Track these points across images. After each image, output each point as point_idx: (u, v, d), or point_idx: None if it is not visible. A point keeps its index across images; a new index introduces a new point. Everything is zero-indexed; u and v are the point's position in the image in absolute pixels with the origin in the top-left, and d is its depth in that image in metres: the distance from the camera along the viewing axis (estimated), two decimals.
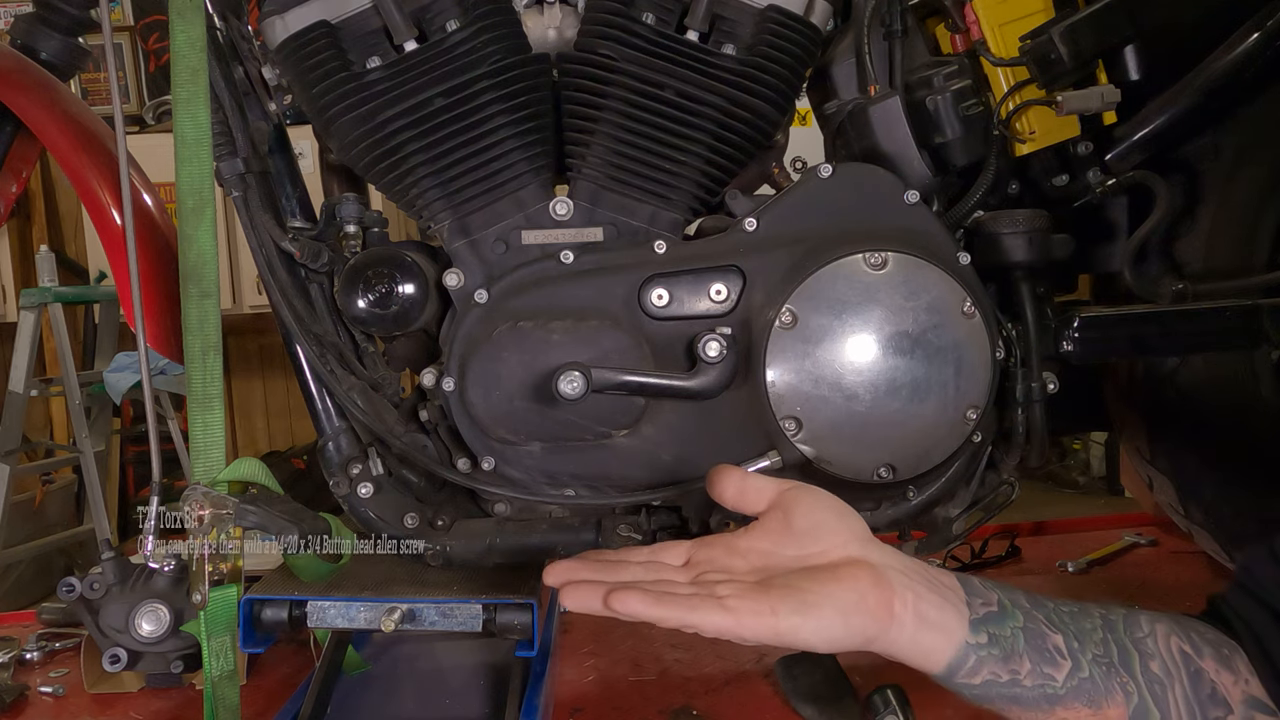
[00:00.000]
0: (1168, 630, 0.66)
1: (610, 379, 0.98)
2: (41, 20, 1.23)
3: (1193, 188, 1.23)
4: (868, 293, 0.99)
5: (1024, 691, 0.63)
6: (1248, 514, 1.30)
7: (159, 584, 1.07)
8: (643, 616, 0.59)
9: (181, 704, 1.28)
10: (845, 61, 1.14)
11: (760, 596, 0.60)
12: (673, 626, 0.59)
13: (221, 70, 1.07)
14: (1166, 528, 1.72)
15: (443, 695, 1.24)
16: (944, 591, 0.64)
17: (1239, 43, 1.11)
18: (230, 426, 3.99)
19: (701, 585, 0.63)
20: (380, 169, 1.05)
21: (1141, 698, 0.63)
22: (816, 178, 1.05)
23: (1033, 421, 1.07)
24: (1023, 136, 1.11)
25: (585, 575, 0.63)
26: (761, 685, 1.26)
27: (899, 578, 0.63)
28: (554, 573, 0.64)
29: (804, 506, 0.66)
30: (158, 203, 1.20)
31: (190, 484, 0.97)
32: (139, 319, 1.05)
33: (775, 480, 0.69)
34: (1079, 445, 4.26)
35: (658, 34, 1.02)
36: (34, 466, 3.46)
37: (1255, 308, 1.10)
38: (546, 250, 1.05)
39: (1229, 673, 0.64)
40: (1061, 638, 0.64)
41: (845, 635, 0.60)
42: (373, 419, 1.07)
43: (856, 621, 0.60)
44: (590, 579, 0.62)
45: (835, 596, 0.60)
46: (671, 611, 0.59)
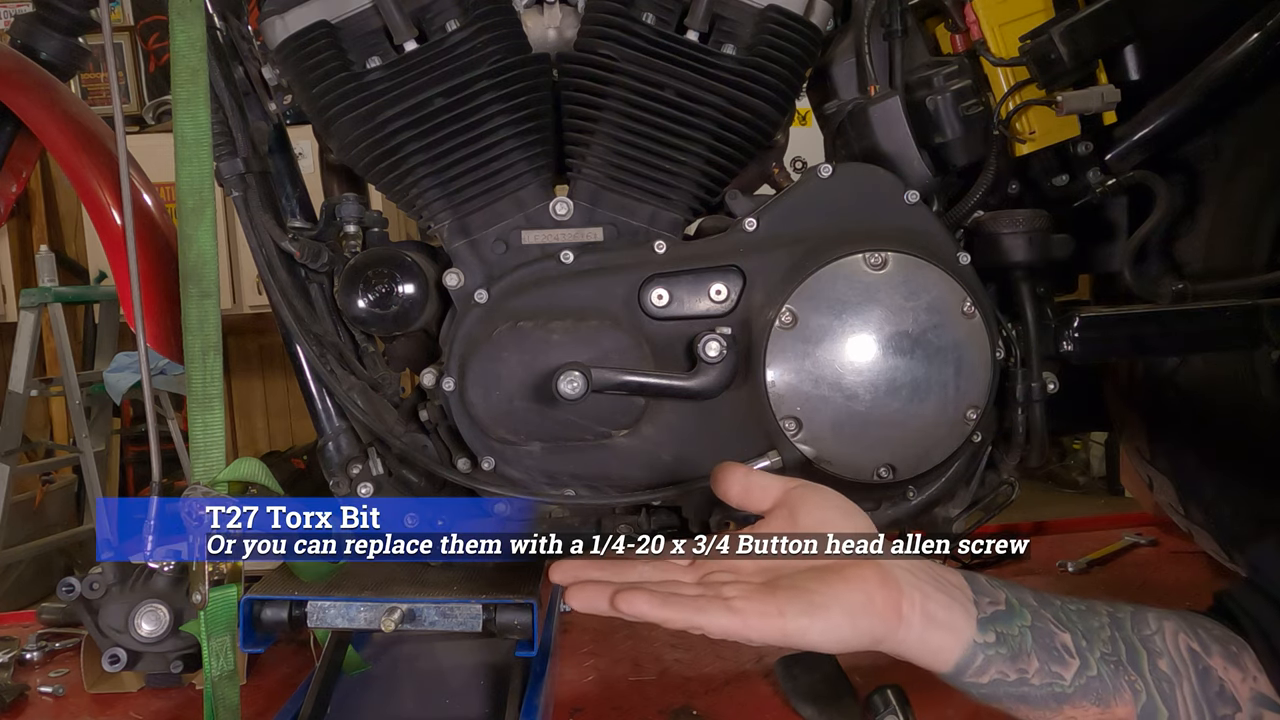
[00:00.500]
0: (1175, 628, 0.65)
1: (610, 379, 0.98)
2: (41, 20, 1.22)
3: (1193, 188, 1.23)
4: (868, 293, 0.99)
5: (1032, 690, 0.62)
6: (1248, 514, 1.30)
7: (159, 584, 1.07)
8: (649, 618, 0.59)
9: (181, 704, 1.28)
10: (845, 61, 1.15)
11: (767, 598, 0.60)
12: (679, 628, 0.59)
13: (221, 70, 1.07)
14: (1166, 528, 1.72)
15: (443, 695, 1.24)
16: (951, 591, 0.64)
17: (1239, 43, 1.11)
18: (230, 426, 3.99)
19: (708, 586, 0.62)
20: (380, 169, 1.05)
21: (1150, 696, 0.63)
22: (816, 178, 1.05)
23: (1033, 421, 1.07)
24: (1023, 136, 1.11)
25: (592, 574, 0.63)
26: (761, 685, 1.26)
27: (906, 577, 0.62)
28: (561, 571, 0.64)
29: (810, 505, 0.66)
30: (158, 203, 1.20)
31: (190, 484, 0.97)
32: (139, 319, 1.05)
33: (781, 478, 0.69)
34: (1079, 445, 4.25)
35: (658, 34, 1.02)
36: (34, 466, 3.45)
37: (1255, 308, 1.10)
38: (546, 250, 1.05)
39: (1237, 670, 0.64)
40: (1069, 636, 0.64)
41: (853, 636, 0.60)
42: (373, 419, 1.07)
43: (864, 623, 0.60)
44: (597, 578, 0.62)
45: (843, 598, 0.60)
46: (678, 613, 0.59)
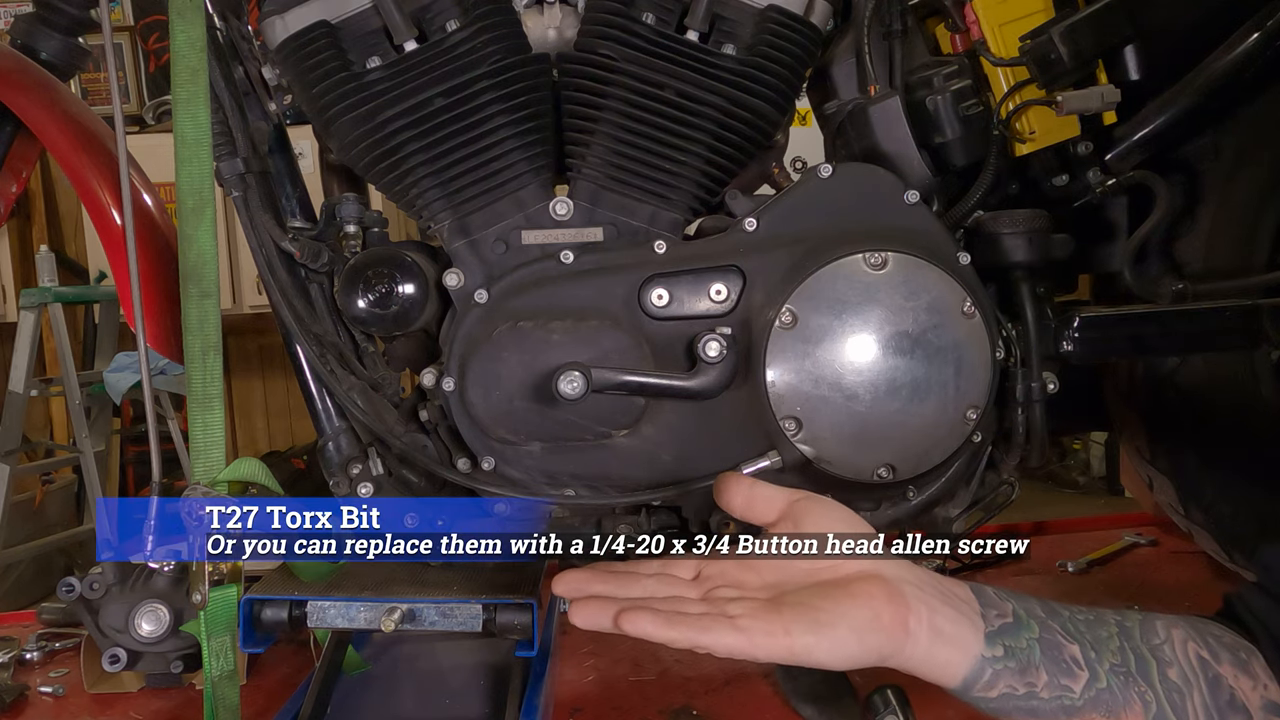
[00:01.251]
0: (1185, 636, 0.65)
1: (610, 379, 0.98)
2: (41, 20, 1.22)
3: (1193, 188, 1.23)
4: (868, 293, 0.99)
5: (1041, 704, 0.62)
6: (1248, 514, 1.30)
7: (159, 584, 1.07)
8: (654, 637, 0.58)
9: (181, 704, 1.28)
10: (845, 61, 1.14)
11: (773, 616, 0.59)
12: (684, 647, 0.59)
13: (221, 70, 1.07)
14: (1166, 528, 1.72)
15: (443, 695, 1.24)
16: (958, 604, 0.63)
17: (1239, 43, 1.11)
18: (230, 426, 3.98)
19: (713, 603, 0.62)
20: (380, 169, 1.05)
21: (1160, 706, 0.62)
22: (816, 178, 1.05)
23: (1033, 421, 1.07)
24: (1023, 136, 1.11)
25: (596, 589, 0.63)
26: (761, 685, 1.26)
27: (913, 592, 0.62)
28: (564, 584, 0.64)
29: (814, 518, 0.66)
30: (158, 203, 1.20)
31: (190, 484, 0.97)
32: (139, 319, 1.05)
33: (785, 490, 0.68)
34: (1079, 445, 4.25)
35: (658, 34, 1.02)
36: (34, 466, 3.46)
37: (1255, 308, 1.10)
38: (546, 250, 1.05)
39: (1247, 678, 0.64)
40: (1078, 648, 0.63)
41: (860, 653, 0.60)
42: (373, 419, 1.07)
43: (871, 639, 0.60)
44: (601, 593, 0.62)
45: (849, 615, 0.60)
46: (683, 632, 0.58)
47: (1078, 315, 1.10)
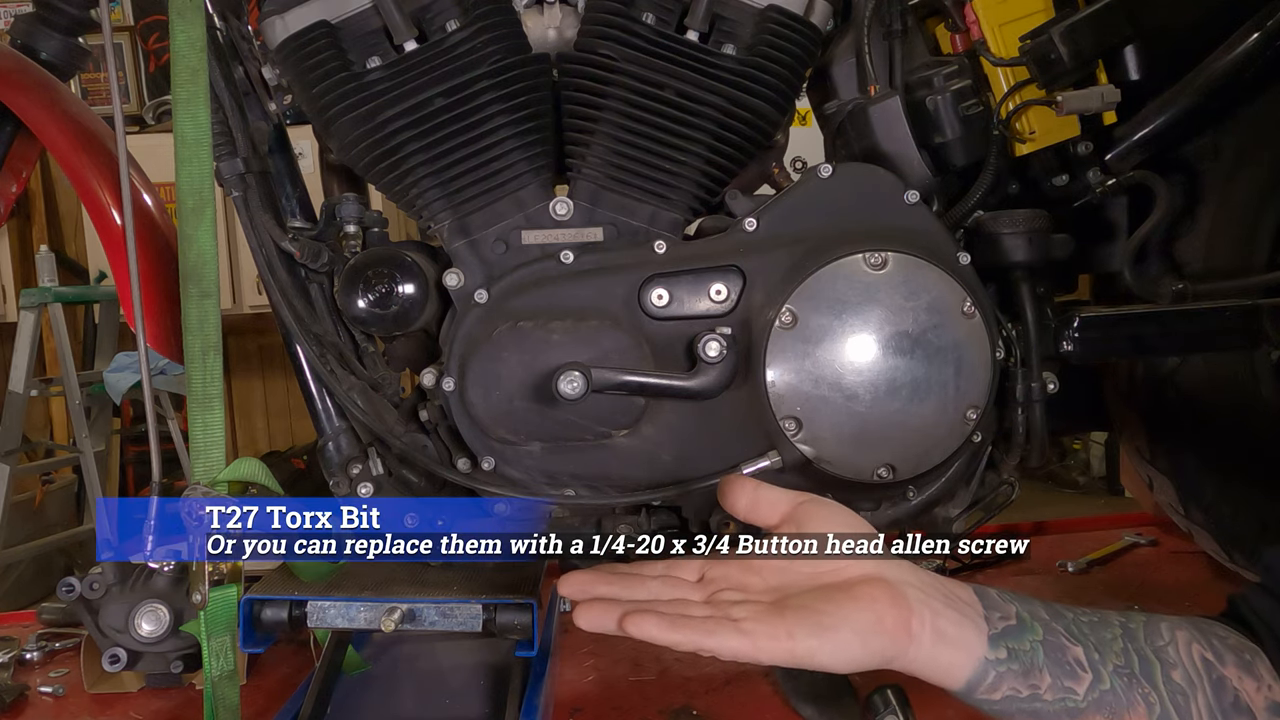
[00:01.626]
0: (1189, 637, 0.65)
1: (610, 379, 0.98)
2: (41, 20, 1.22)
3: (1193, 188, 1.24)
4: (868, 293, 0.99)
5: (1045, 706, 0.62)
6: (1248, 514, 1.30)
7: (159, 584, 1.07)
8: (658, 640, 0.58)
9: (181, 704, 1.28)
10: (845, 61, 1.14)
11: (776, 619, 0.59)
12: (689, 650, 0.59)
13: (221, 70, 1.07)
14: (1166, 528, 1.72)
15: (443, 695, 1.24)
16: (961, 607, 0.63)
17: (1239, 43, 1.11)
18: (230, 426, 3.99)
19: (716, 606, 0.62)
20: (380, 169, 1.05)
21: (1164, 708, 0.62)
22: (816, 178, 1.05)
23: (1033, 421, 1.07)
24: (1023, 136, 1.11)
25: (601, 591, 0.63)
26: (761, 685, 1.26)
27: (916, 594, 0.62)
28: (569, 585, 0.64)
29: (817, 521, 0.66)
30: (158, 203, 1.20)
31: (190, 484, 0.97)
32: (139, 319, 1.05)
33: (788, 493, 0.68)
34: (1079, 445, 4.25)
35: (658, 34, 1.02)
36: (34, 466, 3.46)
37: (1255, 308, 1.10)
38: (546, 250, 1.05)
39: (1251, 679, 0.64)
40: (1082, 650, 0.63)
41: (864, 656, 0.60)
42: (373, 419, 1.07)
43: (875, 643, 0.60)
44: (606, 595, 0.62)
45: (852, 618, 0.60)
46: (687, 635, 0.58)
47: (1078, 315, 1.10)
